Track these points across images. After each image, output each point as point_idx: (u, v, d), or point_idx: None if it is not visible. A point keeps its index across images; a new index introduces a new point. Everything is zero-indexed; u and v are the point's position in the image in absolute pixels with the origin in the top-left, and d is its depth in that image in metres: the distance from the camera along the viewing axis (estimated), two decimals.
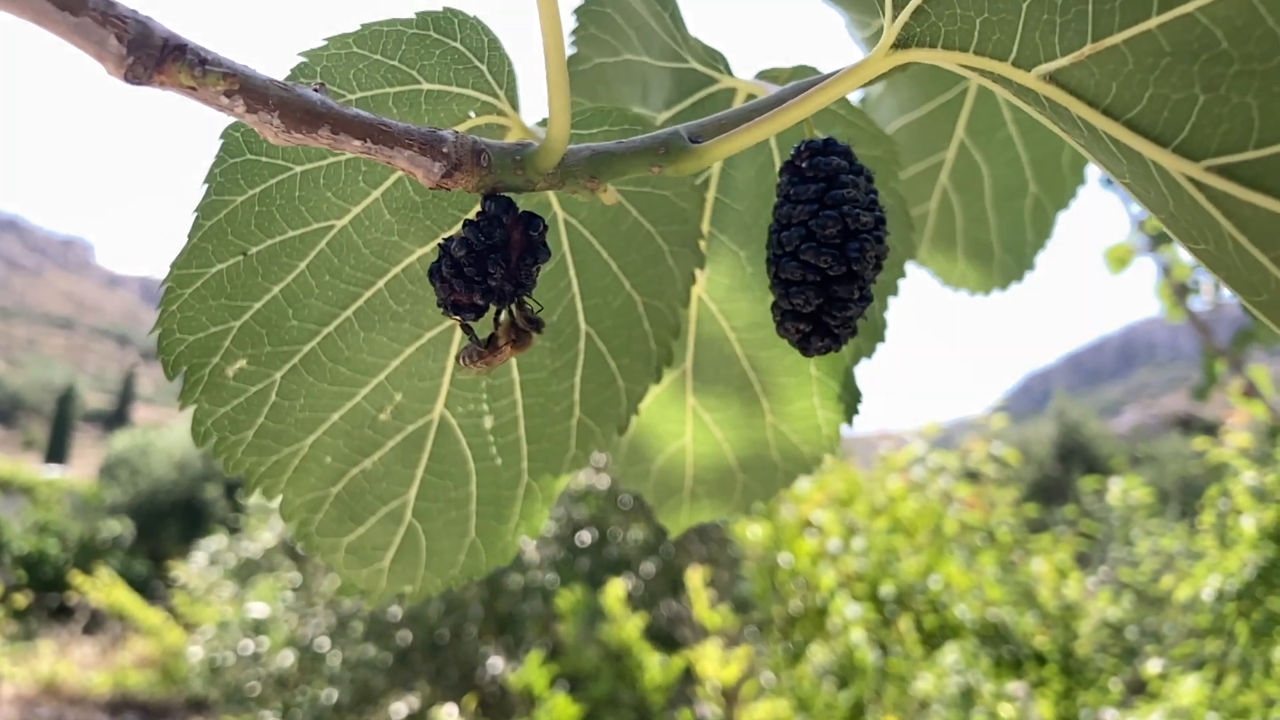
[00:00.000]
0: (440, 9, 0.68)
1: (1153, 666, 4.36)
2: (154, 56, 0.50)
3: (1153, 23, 0.40)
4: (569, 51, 0.86)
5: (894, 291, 0.88)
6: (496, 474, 0.87)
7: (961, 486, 5.66)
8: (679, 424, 0.99)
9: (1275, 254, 0.41)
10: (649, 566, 6.53)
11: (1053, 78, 0.45)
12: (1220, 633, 3.96)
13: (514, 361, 0.82)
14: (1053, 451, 22.72)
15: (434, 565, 0.89)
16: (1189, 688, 3.92)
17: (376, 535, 0.86)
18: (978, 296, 1.21)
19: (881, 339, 0.88)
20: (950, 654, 4.49)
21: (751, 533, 5.06)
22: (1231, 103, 0.39)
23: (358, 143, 0.56)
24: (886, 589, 4.79)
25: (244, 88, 0.52)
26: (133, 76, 0.50)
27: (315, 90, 0.56)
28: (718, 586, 6.17)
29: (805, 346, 0.68)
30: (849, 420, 0.90)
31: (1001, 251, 1.18)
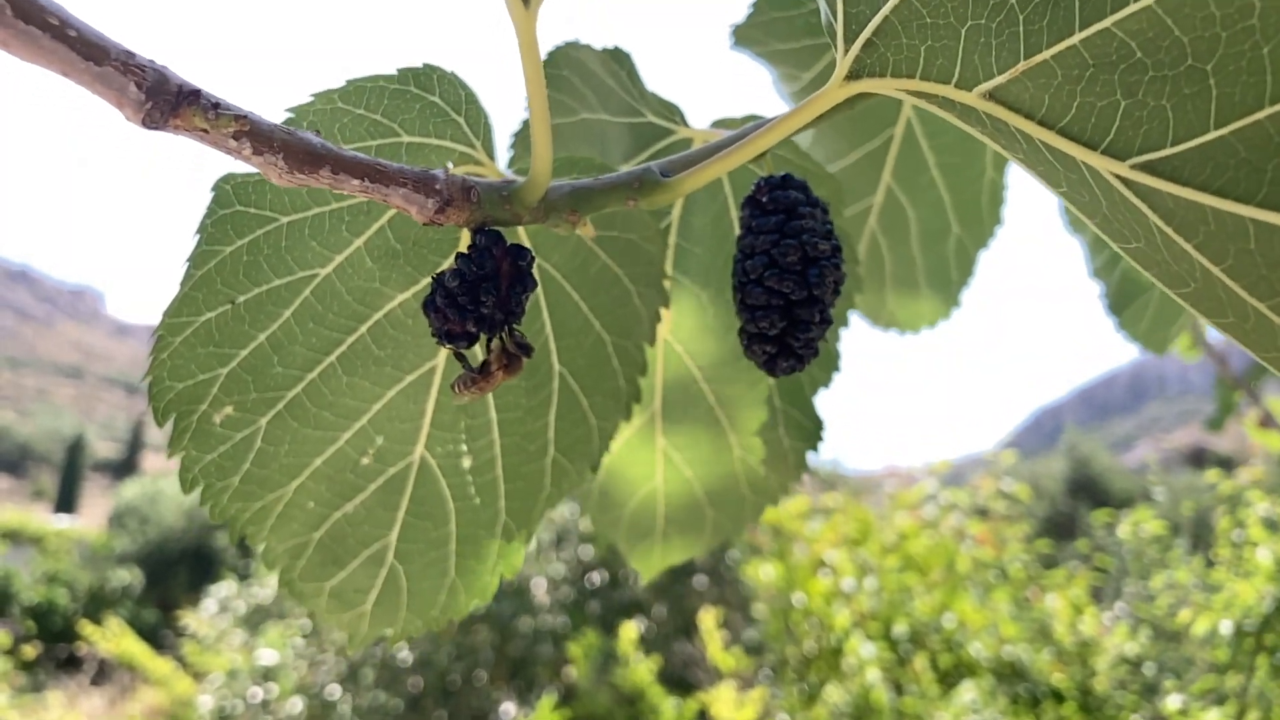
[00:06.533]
0: (420, 65, 0.72)
1: (1173, 702, 4.30)
2: (170, 102, 0.53)
3: (1075, 38, 0.46)
4: (524, 115, 0.92)
5: (845, 323, 0.93)
6: (475, 513, 0.89)
7: (973, 523, 5.69)
8: (649, 467, 1.03)
9: (1196, 241, 0.47)
10: (661, 608, 6.55)
11: (992, 95, 0.51)
12: (1240, 667, 3.99)
13: (491, 400, 0.86)
14: (1064, 487, 22.82)
15: (415, 606, 0.90)
16: None
17: (359, 578, 0.88)
18: (906, 335, 1.28)
19: (836, 369, 0.93)
20: (967, 693, 4.45)
21: (764, 573, 5.06)
22: (1149, 106, 0.45)
23: (356, 182, 0.60)
24: (900, 628, 4.77)
25: (251, 130, 0.56)
26: (150, 121, 0.53)
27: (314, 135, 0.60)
28: (730, 628, 6.15)
29: (772, 367, 0.73)
30: (814, 447, 0.94)
31: (929, 291, 1.25)
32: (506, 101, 0.66)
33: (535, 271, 0.84)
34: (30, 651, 12.19)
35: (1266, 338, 0.45)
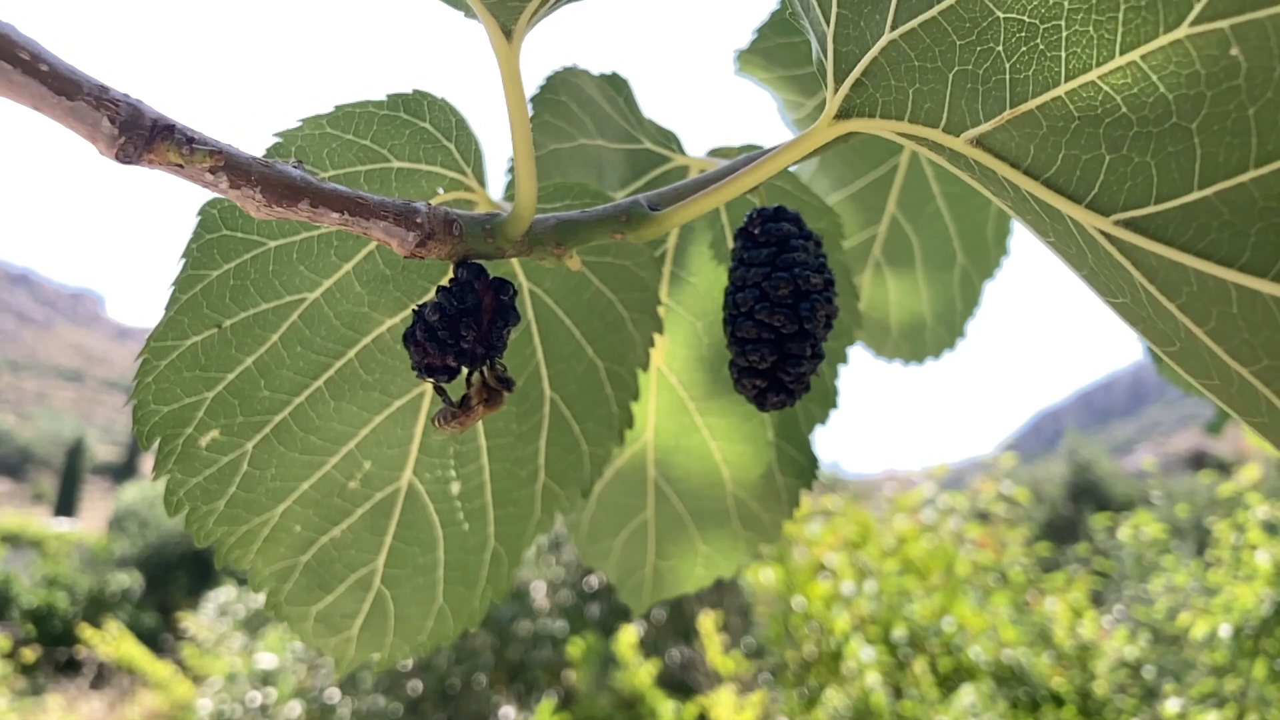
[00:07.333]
0: (410, 91, 0.72)
1: (1172, 706, 4.28)
2: (144, 136, 0.52)
3: (1060, 90, 0.44)
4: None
5: (843, 359, 0.91)
6: (464, 539, 0.88)
7: (973, 527, 5.67)
8: (641, 499, 1.01)
9: (1180, 301, 0.45)
10: (660, 612, 6.57)
11: (979, 141, 0.50)
12: (1240, 670, 3.96)
13: (481, 427, 0.85)
14: (1064, 491, 22.72)
15: (402, 632, 0.89)
16: None
17: (345, 603, 0.87)
18: (910, 366, 1.26)
19: (834, 405, 0.91)
20: (966, 696, 4.43)
21: (763, 577, 5.05)
22: (1134, 162, 0.43)
23: (335, 215, 0.59)
24: (900, 631, 4.76)
25: (228, 164, 0.55)
26: (123, 156, 0.53)
27: (294, 167, 0.59)
28: (730, 631, 6.16)
29: (762, 402, 0.72)
30: (808, 484, 0.93)
31: (933, 321, 1.23)
32: (505, 121, 0.65)
33: (526, 296, 0.83)
34: (30, 655, 12.34)
35: (1250, 402, 0.44)
